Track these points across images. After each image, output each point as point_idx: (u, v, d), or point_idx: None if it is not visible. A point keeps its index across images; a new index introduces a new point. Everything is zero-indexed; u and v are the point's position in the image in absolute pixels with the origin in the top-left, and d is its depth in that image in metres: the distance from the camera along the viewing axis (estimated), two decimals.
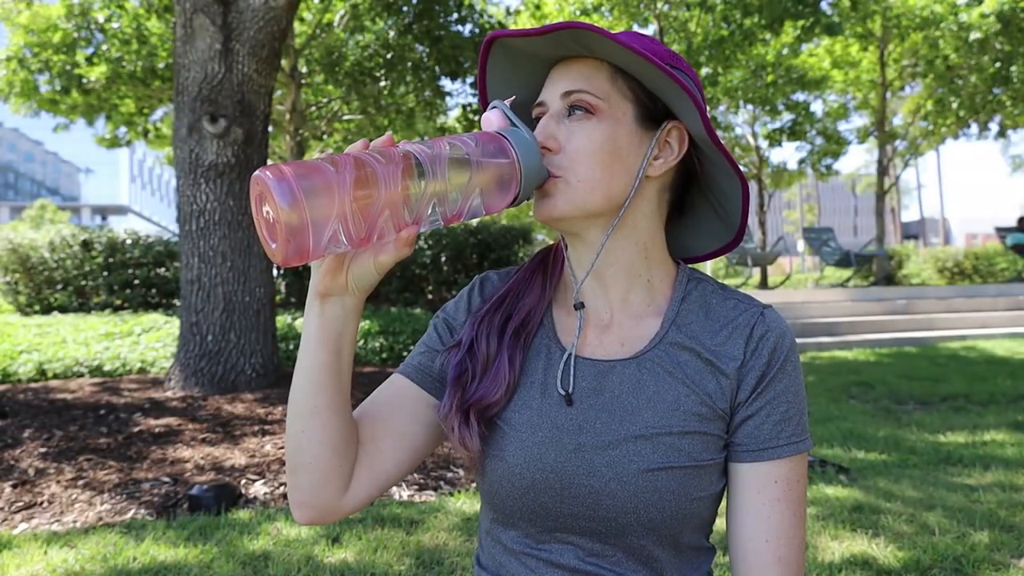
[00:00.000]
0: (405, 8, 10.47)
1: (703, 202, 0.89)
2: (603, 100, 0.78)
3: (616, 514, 0.76)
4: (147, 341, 6.48)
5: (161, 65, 10.61)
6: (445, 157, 0.68)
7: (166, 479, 3.11)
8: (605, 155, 0.77)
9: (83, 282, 8.39)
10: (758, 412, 0.79)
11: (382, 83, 11.63)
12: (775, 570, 0.77)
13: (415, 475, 3.20)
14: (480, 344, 0.84)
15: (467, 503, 2.86)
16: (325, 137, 14.17)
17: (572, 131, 0.78)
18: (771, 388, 0.79)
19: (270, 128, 5.97)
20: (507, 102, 0.79)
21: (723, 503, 0.82)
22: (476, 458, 0.81)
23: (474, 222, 8.95)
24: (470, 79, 11.16)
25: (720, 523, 0.93)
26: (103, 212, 69.71)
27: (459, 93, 17.85)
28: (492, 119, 0.77)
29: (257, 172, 0.60)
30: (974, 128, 16.08)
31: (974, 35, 12.66)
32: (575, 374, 0.81)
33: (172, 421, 4.01)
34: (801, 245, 17.89)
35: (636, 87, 0.79)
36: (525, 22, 13.59)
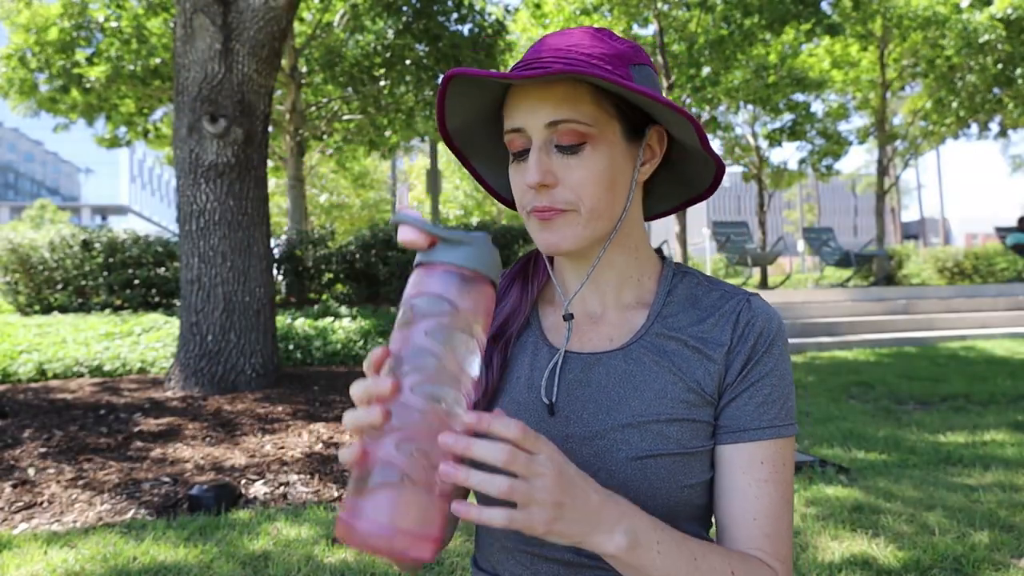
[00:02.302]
0: (404, 8, 10.47)
1: (666, 177, 0.89)
2: (593, 126, 0.75)
3: None
4: (147, 341, 6.48)
5: (158, 61, 10.61)
6: (446, 363, 0.60)
7: (166, 479, 3.10)
8: (607, 181, 0.77)
9: (83, 282, 8.39)
10: (740, 394, 0.79)
11: (382, 83, 11.63)
12: (763, 543, 0.77)
13: None
14: None
15: None
16: (325, 137, 14.16)
17: (568, 164, 0.76)
18: (755, 370, 0.80)
19: (270, 128, 5.97)
20: (408, 210, 0.64)
21: None
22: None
23: (474, 222, 8.94)
24: None
25: None
26: (103, 212, 69.68)
27: None
28: (412, 239, 0.62)
29: (344, 529, 0.57)
30: (974, 128, 16.09)
31: (983, 37, 12.67)
32: (562, 368, 0.82)
33: (172, 421, 4.01)
34: (801, 245, 17.89)
35: (618, 101, 0.78)
36: (525, 21, 13.60)
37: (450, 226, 0.65)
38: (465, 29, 10.78)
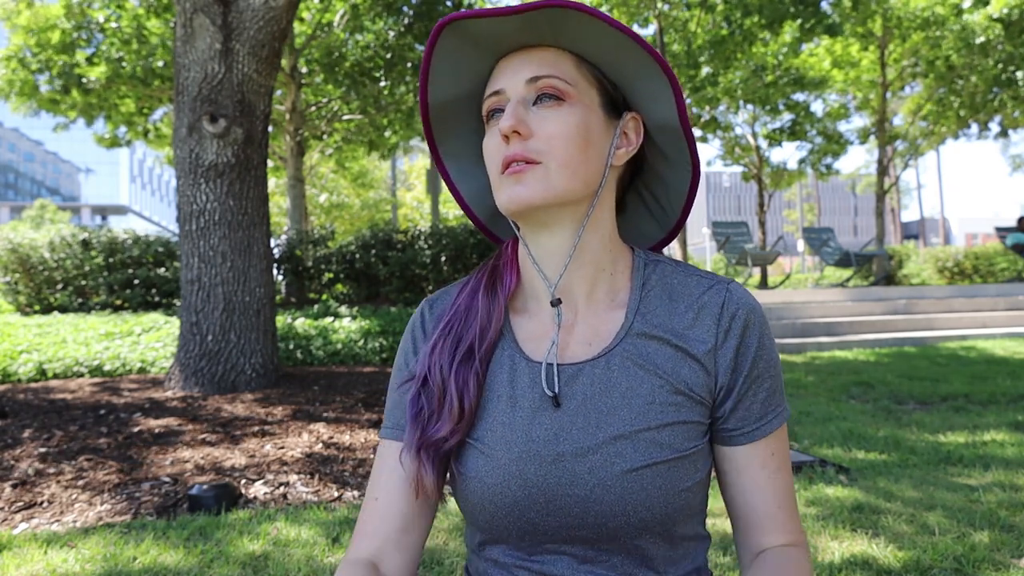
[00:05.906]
0: (405, 8, 10.47)
1: (635, 198, 0.91)
2: (572, 86, 0.76)
3: (605, 519, 0.74)
4: (147, 341, 6.48)
5: (160, 64, 10.61)
6: None
7: (166, 479, 3.10)
8: (581, 140, 0.75)
9: (83, 282, 8.39)
10: (745, 395, 0.79)
11: (382, 83, 11.63)
12: (788, 524, 0.81)
13: None
14: (433, 376, 0.81)
15: None
16: (325, 137, 14.15)
17: (544, 117, 0.75)
18: (754, 369, 0.79)
19: (270, 128, 5.97)
20: None
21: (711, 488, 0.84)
22: (435, 496, 0.81)
23: None
24: None
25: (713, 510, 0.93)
26: (103, 212, 69.74)
27: None
28: None
29: None
30: (974, 128, 16.09)
31: (979, 39, 12.67)
32: (545, 382, 0.79)
33: (172, 421, 4.01)
34: (801, 245, 17.88)
35: (599, 74, 0.79)
36: None
37: None
38: None
